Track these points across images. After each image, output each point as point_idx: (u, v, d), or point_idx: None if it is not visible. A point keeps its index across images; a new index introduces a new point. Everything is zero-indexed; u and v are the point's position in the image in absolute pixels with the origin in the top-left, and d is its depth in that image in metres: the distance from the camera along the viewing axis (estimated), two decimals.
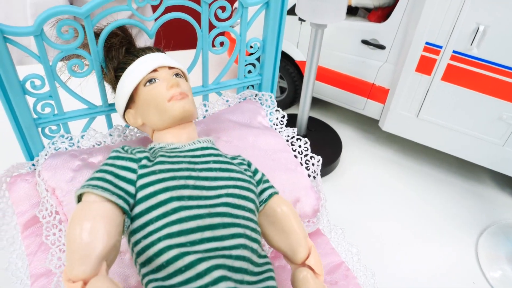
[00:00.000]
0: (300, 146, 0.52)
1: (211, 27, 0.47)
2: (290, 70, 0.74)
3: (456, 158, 0.68)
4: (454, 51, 0.56)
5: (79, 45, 0.41)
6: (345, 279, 0.43)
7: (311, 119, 0.71)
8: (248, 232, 0.34)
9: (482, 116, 0.58)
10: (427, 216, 0.60)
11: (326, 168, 0.65)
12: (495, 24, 0.51)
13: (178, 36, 0.49)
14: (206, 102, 0.53)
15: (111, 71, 0.43)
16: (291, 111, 0.78)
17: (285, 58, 0.72)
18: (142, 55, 0.41)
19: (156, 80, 0.39)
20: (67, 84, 0.44)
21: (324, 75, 0.71)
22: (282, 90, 0.78)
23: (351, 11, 0.69)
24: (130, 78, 0.40)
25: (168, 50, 0.46)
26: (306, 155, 0.51)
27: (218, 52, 0.49)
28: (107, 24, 0.42)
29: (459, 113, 0.59)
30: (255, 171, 0.40)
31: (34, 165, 0.46)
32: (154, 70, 0.40)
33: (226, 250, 0.31)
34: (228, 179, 0.36)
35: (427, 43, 0.57)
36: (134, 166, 0.34)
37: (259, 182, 0.39)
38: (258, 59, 0.53)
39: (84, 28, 0.40)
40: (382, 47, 0.64)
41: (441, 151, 0.65)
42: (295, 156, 0.51)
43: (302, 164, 0.51)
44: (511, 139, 0.58)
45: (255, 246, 0.34)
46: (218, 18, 0.47)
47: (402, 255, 0.54)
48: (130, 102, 0.41)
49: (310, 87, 0.62)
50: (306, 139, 0.52)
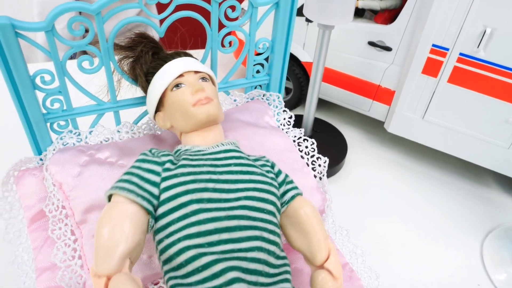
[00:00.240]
0: (307, 147, 0.52)
1: (220, 26, 0.47)
2: (296, 71, 0.74)
3: (461, 160, 0.67)
4: (461, 53, 0.56)
5: (89, 41, 0.41)
6: (349, 280, 0.43)
7: (316, 120, 0.71)
8: (265, 235, 0.34)
9: (488, 118, 0.58)
10: (431, 218, 0.60)
11: (331, 169, 0.65)
12: (502, 26, 0.51)
13: (185, 36, 0.49)
14: None
15: (142, 76, 0.44)
16: (296, 112, 0.78)
17: (291, 59, 0.72)
18: (170, 60, 0.43)
19: (182, 85, 0.41)
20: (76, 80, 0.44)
21: (330, 76, 0.71)
22: (287, 91, 0.78)
23: (358, 13, 0.69)
24: (158, 83, 0.42)
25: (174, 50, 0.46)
26: (312, 156, 0.51)
27: (227, 51, 0.49)
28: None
29: (465, 115, 0.59)
30: (278, 172, 0.41)
31: (42, 159, 0.46)
32: (181, 75, 0.41)
33: (241, 252, 0.32)
34: (248, 182, 0.36)
35: (433, 45, 0.57)
36: (158, 169, 0.36)
37: (282, 184, 0.40)
38: (266, 59, 0.53)
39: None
40: (388, 49, 0.64)
41: (446, 153, 0.65)
42: (302, 157, 0.51)
43: (308, 165, 0.51)
44: None
45: (272, 248, 0.34)
46: (227, 18, 0.47)
47: (407, 256, 0.54)
48: (160, 106, 0.43)
49: (317, 88, 0.62)
50: (313, 140, 0.52)
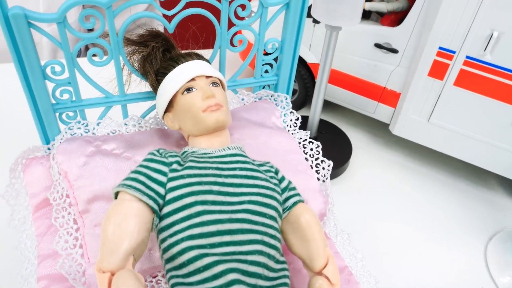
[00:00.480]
0: (311, 149, 0.52)
1: (229, 26, 0.47)
2: (301, 72, 0.74)
3: (465, 163, 0.67)
4: (467, 57, 0.55)
5: (100, 34, 0.42)
6: (347, 283, 0.43)
7: (321, 122, 0.71)
8: (266, 239, 0.34)
9: (494, 122, 0.57)
10: (435, 221, 0.60)
11: (335, 171, 0.64)
12: (509, 30, 0.51)
13: (195, 33, 0.49)
14: None
15: (152, 74, 0.45)
16: (301, 113, 0.78)
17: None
18: (182, 62, 0.43)
19: (193, 89, 0.41)
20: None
21: (335, 77, 0.71)
22: (293, 92, 0.78)
23: (364, 15, 0.68)
24: (169, 86, 0.42)
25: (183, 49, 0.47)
26: (317, 159, 0.51)
27: (236, 50, 0.50)
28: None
29: (471, 118, 0.59)
30: (282, 179, 0.41)
31: (49, 149, 0.47)
32: (192, 79, 0.41)
33: (242, 255, 0.33)
34: (252, 186, 0.37)
35: (440, 47, 0.57)
36: (165, 169, 0.37)
37: (284, 190, 0.40)
38: (275, 60, 0.53)
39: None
40: (395, 51, 0.63)
41: (451, 156, 0.64)
42: (306, 159, 0.51)
43: (312, 167, 0.50)
44: None
45: (272, 252, 0.35)
46: (237, 16, 0.47)
47: (410, 259, 0.54)
48: (169, 107, 0.43)
49: (323, 90, 0.62)
50: (318, 143, 0.51)
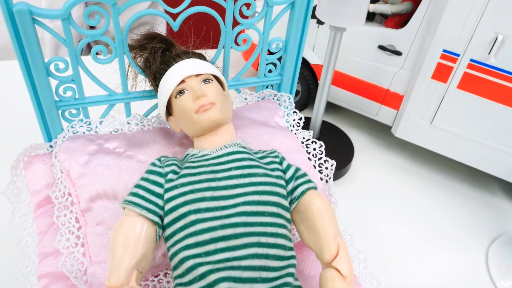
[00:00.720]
0: (314, 149, 0.51)
1: (234, 24, 0.47)
2: (304, 73, 0.74)
3: (467, 166, 0.67)
4: (471, 60, 0.55)
5: (104, 31, 0.41)
6: None
7: (323, 123, 0.71)
8: (264, 239, 0.34)
9: (497, 125, 0.57)
10: (436, 224, 0.60)
11: (337, 172, 0.64)
12: None
13: (196, 33, 0.49)
14: None
15: (152, 79, 0.44)
16: (303, 114, 0.77)
17: None
18: (173, 64, 0.42)
19: (185, 91, 0.40)
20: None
21: (338, 79, 0.71)
22: (295, 93, 0.78)
23: (368, 16, 0.68)
24: (163, 91, 0.41)
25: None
26: (320, 159, 0.51)
27: (241, 49, 0.49)
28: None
29: (474, 122, 0.59)
30: (287, 168, 0.39)
31: (51, 146, 0.47)
32: (182, 81, 0.40)
33: (236, 261, 0.32)
34: (248, 185, 0.36)
35: (444, 50, 0.57)
36: (161, 180, 0.37)
37: (290, 179, 0.39)
38: (279, 59, 0.53)
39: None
40: (398, 53, 0.63)
41: (453, 159, 0.64)
42: (309, 159, 0.51)
43: (315, 167, 0.50)
44: None
45: (272, 251, 0.34)
46: (242, 15, 0.47)
47: (410, 261, 0.54)
48: (170, 109, 0.43)
49: (326, 91, 0.62)
50: (321, 143, 0.51)
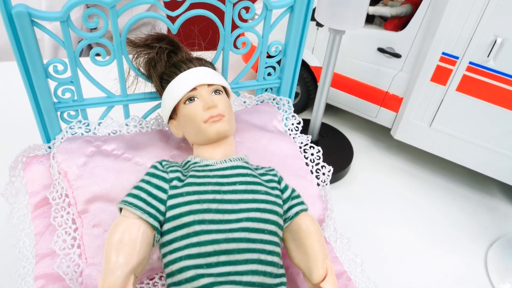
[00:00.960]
0: (312, 154, 0.51)
1: (233, 27, 0.47)
2: (304, 75, 0.74)
3: (466, 169, 0.67)
4: (471, 62, 0.55)
5: (103, 33, 0.42)
6: None
7: (323, 125, 0.71)
8: (263, 256, 0.34)
9: (496, 128, 0.57)
10: (436, 227, 0.60)
11: (336, 175, 0.64)
12: None
13: (195, 36, 0.49)
14: None
15: (157, 80, 0.44)
16: (303, 116, 0.78)
17: None
18: (185, 69, 0.42)
19: (195, 99, 0.40)
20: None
21: (338, 81, 0.71)
22: (295, 95, 0.78)
23: (368, 19, 0.68)
24: (171, 95, 0.41)
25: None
26: (317, 164, 0.51)
27: (240, 52, 0.49)
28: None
29: (473, 124, 0.59)
30: (285, 188, 0.40)
31: (50, 147, 0.47)
32: (194, 89, 0.40)
33: (237, 275, 0.33)
34: (252, 202, 0.36)
35: (443, 53, 0.57)
36: (166, 186, 0.37)
37: (287, 200, 0.39)
38: (278, 63, 0.53)
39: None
40: (398, 55, 0.63)
41: (452, 161, 0.64)
42: (306, 164, 0.51)
43: (312, 172, 0.50)
44: None
45: (269, 269, 0.34)
46: (241, 19, 0.47)
47: (410, 264, 0.54)
48: (173, 114, 0.43)
49: (325, 93, 0.62)
50: (319, 148, 0.51)
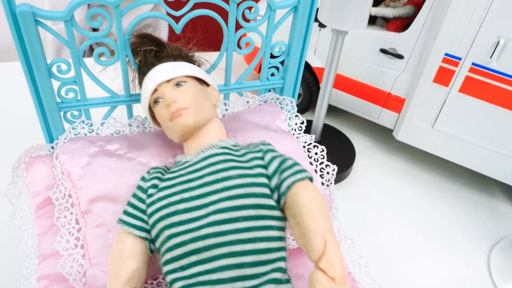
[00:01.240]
0: (316, 153, 0.51)
1: (237, 27, 0.47)
2: (306, 76, 0.73)
3: (468, 170, 0.67)
4: (473, 63, 0.55)
5: (107, 33, 0.42)
6: None
7: (325, 126, 0.71)
8: (236, 248, 0.32)
9: (498, 129, 0.57)
10: (438, 227, 0.60)
11: (338, 176, 0.64)
12: None
13: (198, 36, 0.48)
14: (227, 101, 0.53)
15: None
16: (304, 117, 0.77)
17: None
18: (148, 71, 0.42)
19: (159, 100, 0.40)
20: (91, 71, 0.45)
21: (340, 82, 0.71)
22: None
23: (370, 20, 0.68)
24: (142, 101, 0.42)
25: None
26: (321, 163, 0.50)
27: (243, 52, 0.49)
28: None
29: (475, 125, 0.59)
30: (269, 162, 0.37)
31: (53, 147, 0.47)
32: (155, 90, 0.40)
33: (207, 275, 0.32)
34: (222, 191, 0.34)
35: (446, 54, 0.57)
36: (144, 196, 0.38)
37: (273, 174, 0.36)
38: (282, 63, 0.53)
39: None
40: (400, 56, 0.63)
41: (454, 162, 0.64)
42: (310, 163, 0.51)
43: (316, 172, 0.50)
44: None
45: (248, 259, 0.32)
46: (245, 18, 0.47)
47: (412, 265, 0.54)
48: None
49: (327, 94, 0.61)
50: (323, 147, 0.51)
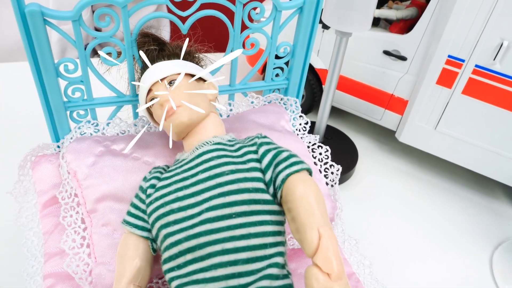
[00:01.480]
0: (320, 154, 0.51)
1: (242, 28, 0.47)
2: (309, 77, 0.74)
3: (471, 172, 0.67)
4: (477, 65, 0.55)
5: (114, 33, 0.42)
6: None
7: (328, 128, 0.71)
8: (229, 245, 0.32)
9: (501, 131, 0.57)
10: (440, 229, 0.60)
11: (341, 177, 0.64)
12: None
13: (202, 36, 0.48)
14: (232, 101, 0.54)
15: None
16: (307, 118, 0.78)
17: None
18: (143, 72, 0.42)
19: (155, 100, 0.40)
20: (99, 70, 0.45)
21: (343, 83, 0.71)
22: None
23: (373, 22, 0.69)
24: (139, 99, 0.42)
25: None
26: (325, 163, 0.51)
27: (248, 52, 0.50)
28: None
29: (478, 127, 0.59)
30: (263, 155, 0.36)
31: (59, 147, 0.47)
32: (150, 90, 0.40)
33: (201, 273, 0.32)
34: (214, 188, 0.34)
35: (449, 56, 0.57)
36: (143, 197, 0.39)
37: (267, 168, 0.35)
38: (286, 64, 0.53)
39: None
40: (403, 58, 0.64)
41: (457, 164, 0.64)
42: (315, 163, 0.51)
43: (321, 172, 0.50)
44: None
45: (242, 255, 0.32)
46: (250, 19, 0.47)
47: (414, 267, 0.54)
48: None
49: (330, 96, 0.62)
50: (327, 147, 0.51)
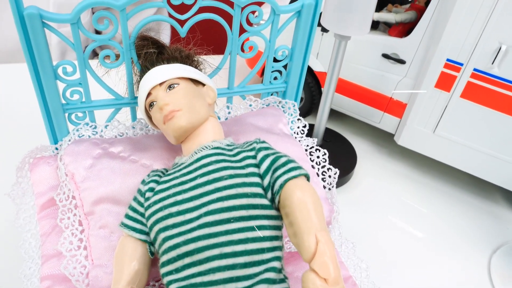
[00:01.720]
0: (318, 157, 0.51)
1: (241, 31, 0.47)
2: (308, 80, 0.74)
3: (470, 175, 0.67)
4: (475, 69, 0.56)
5: (113, 36, 0.42)
6: None
7: (326, 130, 0.71)
8: (228, 249, 0.32)
9: (499, 135, 0.57)
10: (439, 233, 0.60)
11: (339, 180, 0.64)
12: None
13: (201, 40, 0.49)
14: (230, 104, 0.54)
15: None
16: (306, 121, 0.78)
17: None
18: (142, 76, 0.42)
19: (154, 104, 0.40)
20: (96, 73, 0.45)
21: (342, 86, 0.71)
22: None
23: (372, 25, 0.69)
24: (138, 103, 0.42)
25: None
26: (323, 166, 0.51)
27: (247, 56, 0.50)
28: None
29: (477, 130, 0.59)
30: (261, 160, 0.36)
31: (57, 149, 0.47)
32: (149, 94, 0.40)
33: (199, 277, 0.32)
34: (213, 192, 0.34)
35: (448, 59, 0.57)
36: (142, 200, 0.39)
37: (266, 173, 0.35)
38: (284, 67, 0.53)
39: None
40: (402, 61, 0.64)
41: (455, 168, 0.65)
42: (312, 167, 0.51)
43: (318, 175, 0.50)
44: None
45: (240, 260, 0.32)
46: (249, 23, 0.47)
47: (412, 270, 0.54)
48: None
49: (329, 99, 0.62)
50: (325, 151, 0.51)
